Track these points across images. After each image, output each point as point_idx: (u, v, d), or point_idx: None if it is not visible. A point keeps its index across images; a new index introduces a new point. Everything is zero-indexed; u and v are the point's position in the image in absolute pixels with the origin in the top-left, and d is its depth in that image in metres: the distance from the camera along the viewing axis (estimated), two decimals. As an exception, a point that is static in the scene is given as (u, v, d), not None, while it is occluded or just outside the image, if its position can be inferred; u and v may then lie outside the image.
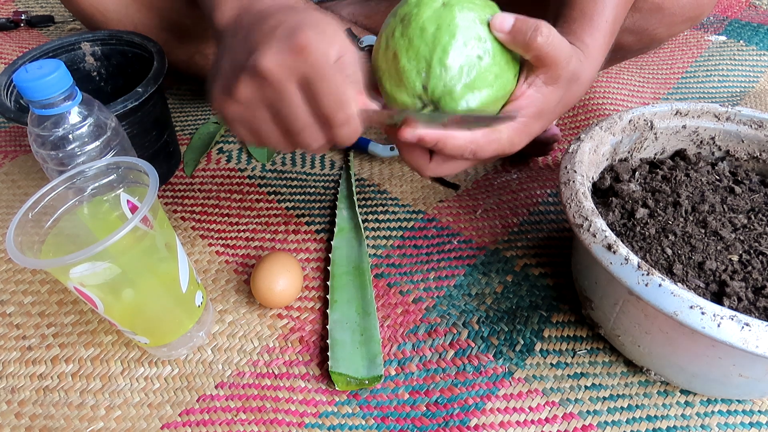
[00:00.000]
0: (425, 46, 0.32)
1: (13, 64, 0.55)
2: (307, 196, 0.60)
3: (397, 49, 0.33)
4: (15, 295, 0.51)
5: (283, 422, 0.41)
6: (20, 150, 0.67)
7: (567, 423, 0.40)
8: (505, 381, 0.43)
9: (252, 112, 0.32)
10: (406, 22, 0.33)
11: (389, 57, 0.33)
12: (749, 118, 0.47)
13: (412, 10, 0.33)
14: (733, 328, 0.31)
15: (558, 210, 0.57)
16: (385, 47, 0.34)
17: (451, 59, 0.31)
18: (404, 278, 0.51)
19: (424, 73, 0.32)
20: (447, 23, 0.31)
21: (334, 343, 0.45)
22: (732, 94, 0.74)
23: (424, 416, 0.41)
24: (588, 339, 0.45)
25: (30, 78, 0.37)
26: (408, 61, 0.32)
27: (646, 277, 0.33)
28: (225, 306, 0.49)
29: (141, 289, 0.38)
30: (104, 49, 0.60)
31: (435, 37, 0.31)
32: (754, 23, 0.87)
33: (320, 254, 0.54)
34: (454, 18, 0.31)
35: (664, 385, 0.42)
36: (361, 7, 0.65)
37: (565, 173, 0.42)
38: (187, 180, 0.63)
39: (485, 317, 0.47)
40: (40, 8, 0.99)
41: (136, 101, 0.50)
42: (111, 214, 0.40)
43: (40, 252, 0.36)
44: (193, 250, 0.55)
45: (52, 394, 0.43)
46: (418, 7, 0.33)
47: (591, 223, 0.37)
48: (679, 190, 0.43)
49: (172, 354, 0.45)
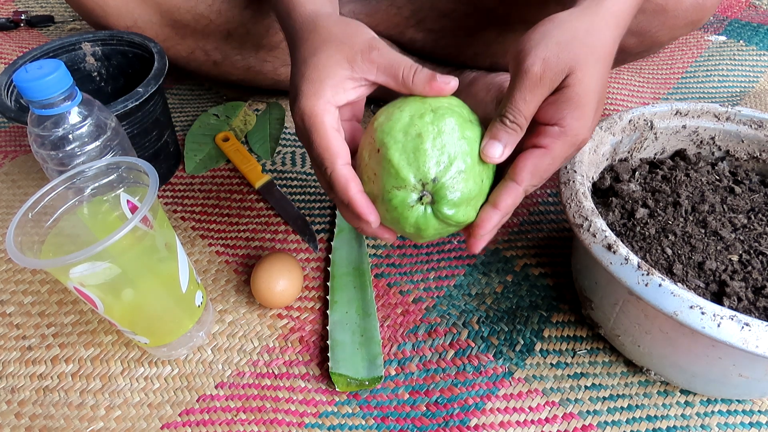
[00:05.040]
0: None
1: (13, 64, 0.55)
2: (307, 196, 0.60)
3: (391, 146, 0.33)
4: (15, 295, 0.51)
5: (283, 422, 0.41)
6: (20, 150, 0.67)
7: (567, 423, 0.40)
8: (505, 381, 0.43)
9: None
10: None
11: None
12: (749, 118, 0.47)
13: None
14: (733, 328, 0.31)
15: (558, 210, 0.57)
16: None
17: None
18: (404, 278, 0.51)
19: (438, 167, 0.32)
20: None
21: (334, 344, 0.45)
22: (732, 94, 0.74)
23: (424, 416, 0.41)
24: (588, 339, 0.45)
25: (30, 78, 0.37)
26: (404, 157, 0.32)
27: (646, 277, 0.33)
28: (225, 306, 0.49)
29: (141, 289, 0.38)
30: (105, 50, 0.60)
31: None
32: (754, 23, 0.87)
33: (320, 254, 0.54)
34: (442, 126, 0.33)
35: (664, 385, 0.42)
36: (362, 6, 0.65)
37: (565, 173, 0.42)
38: (187, 180, 0.63)
39: (485, 317, 0.47)
40: (40, 8, 0.99)
41: (136, 101, 0.50)
42: (111, 214, 0.40)
43: (40, 252, 0.36)
44: (193, 250, 0.55)
45: (52, 394, 0.43)
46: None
47: (591, 223, 0.37)
48: (679, 190, 0.43)
49: (172, 354, 0.45)
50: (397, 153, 0.31)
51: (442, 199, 0.31)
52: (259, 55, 0.65)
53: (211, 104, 0.74)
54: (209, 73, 0.67)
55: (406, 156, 0.31)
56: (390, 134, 0.32)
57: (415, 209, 0.32)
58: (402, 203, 0.32)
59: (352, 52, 0.35)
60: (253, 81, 0.68)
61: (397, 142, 0.31)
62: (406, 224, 0.33)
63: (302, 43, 0.37)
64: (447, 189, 0.31)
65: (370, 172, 0.33)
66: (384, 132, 0.32)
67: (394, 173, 0.31)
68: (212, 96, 0.76)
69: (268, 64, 0.66)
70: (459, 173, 0.31)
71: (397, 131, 0.32)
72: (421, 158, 0.31)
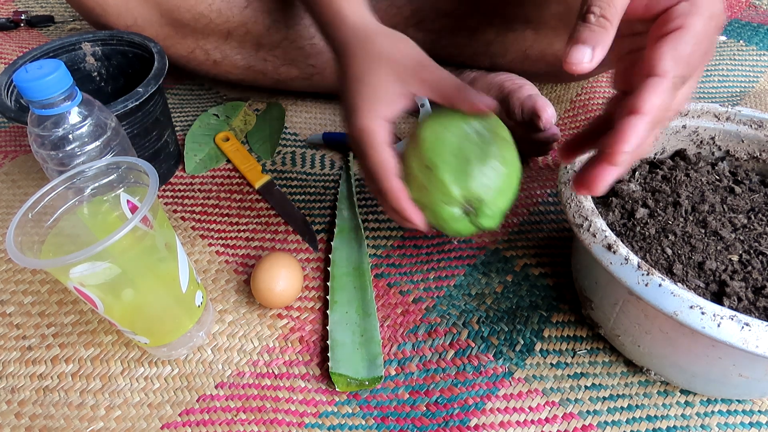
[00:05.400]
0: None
1: (13, 64, 0.55)
2: (307, 196, 0.60)
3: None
4: (15, 295, 0.51)
5: (283, 422, 0.41)
6: (20, 150, 0.67)
7: (567, 423, 0.40)
8: (505, 381, 0.43)
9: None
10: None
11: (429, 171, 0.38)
12: (749, 118, 0.47)
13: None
14: (733, 328, 0.31)
15: (558, 210, 0.57)
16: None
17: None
18: (404, 278, 0.51)
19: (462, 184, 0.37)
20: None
21: (334, 344, 0.45)
22: (732, 94, 0.74)
23: (424, 416, 0.41)
24: (588, 339, 0.45)
25: (30, 78, 0.37)
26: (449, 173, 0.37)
27: (646, 277, 0.33)
28: (225, 306, 0.49)
29: (141, 289, 0.38)
30: (105, 50, 0.60)
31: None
32: (754, 23, 0.87)
33: (320, 254, 0.54)
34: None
35: (664, 385, 0.42)
36: None
37: (565, 173, 0.42)
38: (187, 180, 0.63)
39: (485, 317, 0.47)
40: (40, 8, 0.99)
41: (136, 101, 0.50)
42: (111, 214, 0.40)
43: (40, 252, 0.36)
44: (193, 250, 0.55)
45: (52, 394, 0.43)
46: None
47: (591, 223, 0.37)
48: (679, 190, 0.43)
49: (172, 354, 0.45)
50: (448, 174, 0.36)
51: (483, 214, 0.38)
52: (260, 54, 0.65)
53: (211, 104, 0.74)
54: (209, 73, 0.67)
55: (456, 177, 0.36)
56: (440, 156, 0.37)
57: (459, 219, 0.38)
58: (449, 216, 0.38)
59: (403, 70, 0.38)
60: (254, 80, 0.68)
61: (446, 163, 0.36)
62: (448, 228, 0.39)
63: (354, 58, 0.40)
64: (487, 206, 0.37)
65: (420, 184, 0.38)
66: (435, 153, 0.37)
67: (444, 191, 0.37)
68: (212, 96, 0.76)
69: (269, 63, 0.66)
70: (499, 192, 0.37)
71: (447, 153, 0.37)
72: (469, 180, 0.36)
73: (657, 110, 0.26)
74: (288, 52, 0.64)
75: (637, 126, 0.26)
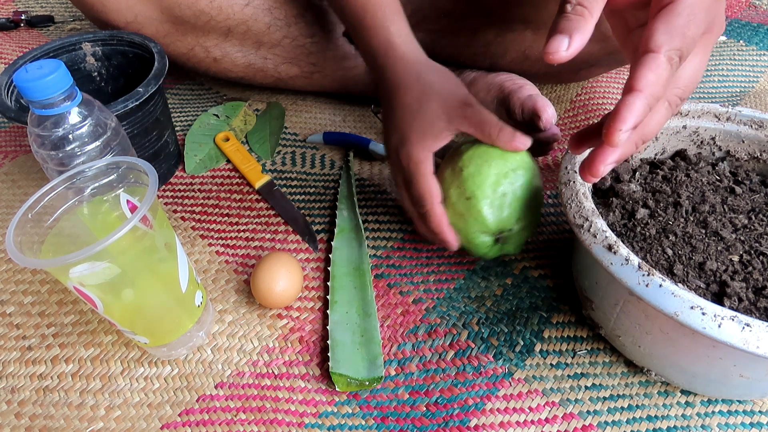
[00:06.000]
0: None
1: (14, 64, 0.55)
2: (307, 196, 0.60)
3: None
4: (15, 295, 0.51)
5: (283, 422, 0.41)
6: (20, 150, 0.67)
7: (567, 423, 0.40)
8: (505, 381, 0.43)
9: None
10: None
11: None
12: (749, 119, 0.47)
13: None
14: (733, 329, 0.31)
15: (558, 211, 0.57)
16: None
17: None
18: (404, 279, 0.51)
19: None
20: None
21: (334, 344, 0.45)
22: (732, 94, 0.74)
23: (424, 416, 0.41)
24: (588, 339, 0.45)
25: (30, 78, 0.37)
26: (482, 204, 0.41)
27: (646, 277, 0.33)
28: (225, 306, 0.49)
29: (141, 289, 0.38)
30: (105, 50, 0.60)
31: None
32: (754, 23, 0.87)
33: (320, 254, 0.54)
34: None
35: (664, 386, 0.42)
36: None
37: (566, 173, 0.42)
38: (187, 180, 0.63)
39: (485, 318, 0.47)
40: (40, 8, 0.99)
41: (136, 101, 0.50)
42: (111, 214, 0.40)
43: (40, 252, 0.36)
44: (193, 250, 0.55)
45: (52, 394, 0.43)
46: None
47: (591, 224, 0.37)
48: (680, 191, 0.43)
49: (171, 354, 0.45)
50: (486, 207, 0.40)
51: (510, 243, 0.44)
52: (260, 52, 0.64)
53: (211, 104, 0.74)
54: (209, 70, 0.67)
55: (493, 210, 0.41)
56: (480, 188, 0.40)
57: (489, 246, 0.44)
58: (482, 243, 0.43)
59: (450, 108, 0.41)
60: (254, 79, 0.68)
61: (486, 197, 0.40)
62: (476, 251, 0.44)
63: (409, 90, 0.44)
64: (516, 236, 0.43)
65: (458, 211, 0.42)
66: (475, 185, 0.41)
67: (481, 221, 0.41)
68: (212, 96, 0.76)
69: (269, 61, 0.66)
70: (527, 225, 0.43)
71: (487, 187, 0.40)
72: (504, 214, 0.41)
73: (653, 86, 0.26)
74: (288, 50, 0.64)
75: (634, 104, 0.26)
